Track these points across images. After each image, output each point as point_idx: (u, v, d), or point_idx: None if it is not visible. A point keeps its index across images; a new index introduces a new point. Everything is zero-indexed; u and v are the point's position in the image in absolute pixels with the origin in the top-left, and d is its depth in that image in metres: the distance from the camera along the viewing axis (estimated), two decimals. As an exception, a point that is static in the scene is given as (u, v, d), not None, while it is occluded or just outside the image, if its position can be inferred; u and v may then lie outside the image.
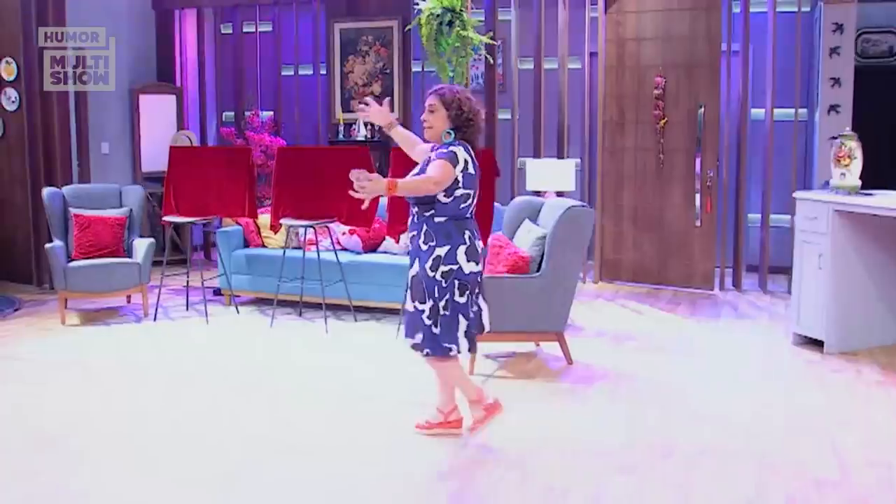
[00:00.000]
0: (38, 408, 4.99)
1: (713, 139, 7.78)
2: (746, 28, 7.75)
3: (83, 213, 7.23)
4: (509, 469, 4.12)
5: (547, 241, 5.63)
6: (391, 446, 4.42)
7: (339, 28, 8.89)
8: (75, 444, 4.42)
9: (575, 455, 4.26)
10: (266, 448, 4.35)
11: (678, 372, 5.68)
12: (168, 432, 4.58)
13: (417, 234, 4.26)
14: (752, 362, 5.91)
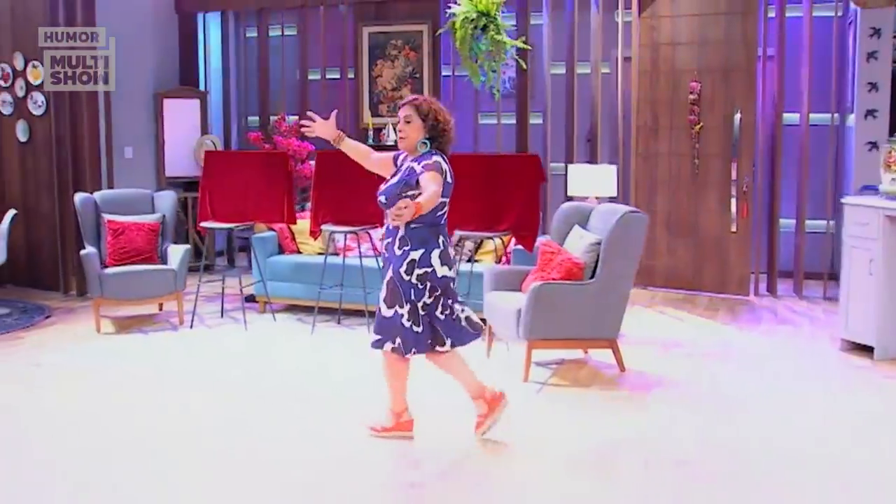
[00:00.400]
0: (81, 416, 4.94)
1: (749, 144, 7.79)
2: (782, 33, 7.77)
3: (116, 219, 7.17)
4: (593, 478, 4.10)
5: (602, 247, 5.61)
6: (441, 455, 4.39)
7: (368, 32, 8.86)
8: (129, 453, 4.37)
9: (655, 464, 4.24)
10: (317, 458, 4.32)
11: (733, 379, 5.68)
12: (222, 443, 4.54)
13: (392, 240, 4.35)
14: (803, 368, 5.91)
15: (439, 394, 4.98)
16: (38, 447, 4.49)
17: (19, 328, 6.95)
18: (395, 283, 4.34)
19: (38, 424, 4.84)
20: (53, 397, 5.30)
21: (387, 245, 4.42)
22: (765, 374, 5.76)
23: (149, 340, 6.65)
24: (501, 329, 5.81)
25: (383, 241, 4.47)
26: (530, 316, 5.47)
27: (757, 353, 6.26)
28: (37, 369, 5.88)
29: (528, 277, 5.93)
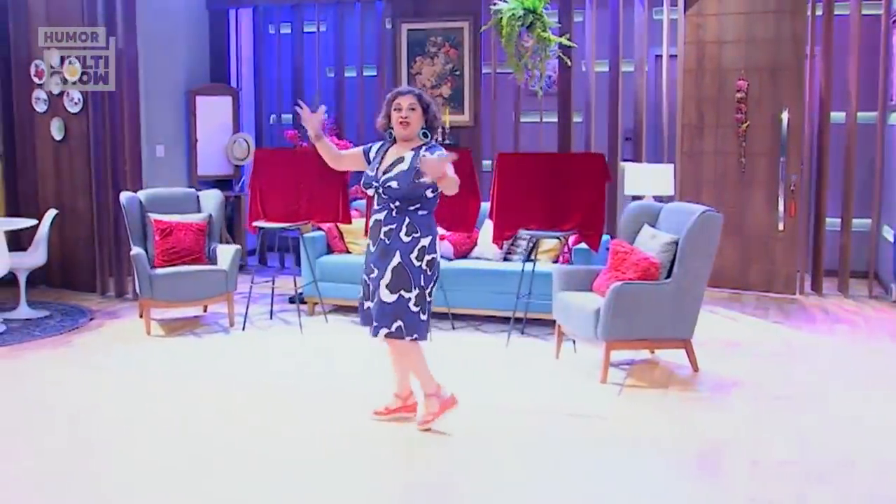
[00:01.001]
0: (151, 421, 4.87)
1: (797, 143, 7.81)
2: (829, 31, 7.80)
3: (163, 219, 7.08)
4: (704, 479, 4.09)
5: (679, 247, 5.60)
6: (527, 458, 4.36)
7: (407, 29, 8.80)
8: (207, 463, 4.30)
9: (761, 465, 4.23)
10: (389, 464, 4.28)
11: (808, 378, 5.69)
12: (299, 450, 4.49)
13: (398, 227, 4.49)
14: (875, 367, 5.93)
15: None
16: (116, 451, 4.42)
17: (65, 331, 6.85)
18: (403, 269, 4.47)
19: (111, 428, 4.76)
20: (119, 402, 5.21)
21: (388, 231, 4.50)
22: (835, 373, 5.78)
23: (202, 343, 6.55)
24: (575, 329, 5.79)
25: (382, 228, 4.52)
26: (610, 316, 5.45)
27: (823, 353, 6.29)
28: (95, 373, 5.78)
29: (599, 277, 5.91)
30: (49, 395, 5.34)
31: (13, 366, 5.97)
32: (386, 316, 4.50)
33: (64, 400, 5.26)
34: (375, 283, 4.56)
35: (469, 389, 5.23)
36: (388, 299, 4.49)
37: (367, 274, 4.64)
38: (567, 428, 4.74)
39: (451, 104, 8.72)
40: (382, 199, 4.56)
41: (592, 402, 5.18)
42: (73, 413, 5.02)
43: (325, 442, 4.55)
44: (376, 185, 4.54)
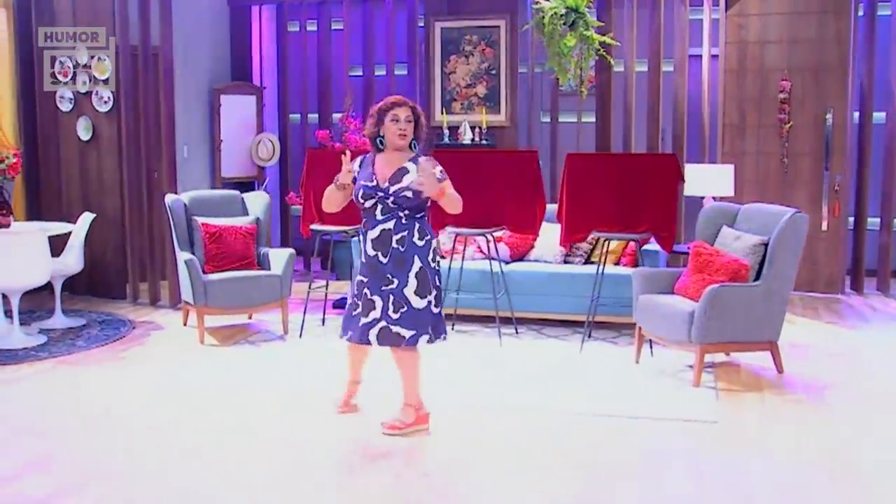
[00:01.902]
0: (239, 434, 4.74)
1: (841, 143, 7.92)
2: (872, 31, 7.93)
3: (211, 222, 6.90)
4: (849, 484, 4.10)
5: (770, 248, 5.62)
6: (660, 466, 4.34)
7: (441, 27, 8.72)
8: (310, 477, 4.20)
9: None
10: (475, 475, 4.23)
11: (891, 377, 5.76)
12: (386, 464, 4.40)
13: (410, 233, 4.58)
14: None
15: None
16: (211, 463, 4.29)
17: (110, 341, 6.63)
18: (425, 272, 4.59)
19: (194, 441, 4.63)
20: (197, 415, 5.05)
21: (400, 239, 4.56)
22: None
23: (261, 353, 6.37)
24: (663, 332, 5.77)
25: (394, 236, 4.56)
26: (705, 319, 5.45)
27: (891, 351, 6.37)
28: (162, 385, 5.58)
29: (682, 279, 5.91)
30: (120, 409, 5.14)
31: (73, 378, 5.75)
32: (423, 323, 4.58)
33: (138, 413, 5.07)
34: (398, 293, 4.56)
35: (567, 396, 5.29)
36: (419, 306, 4.58)
37: (378, 286, 4.59)
38: (683, 433, 4.74)
39: (486, 104, 8.66)
40: (390, 208, 4.59)
41: (694, 406, 5.17)
42: (154, 426, 4.86)
43: (415, 458, 4.46)
44: (382, 195, 4.57)
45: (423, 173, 4.46)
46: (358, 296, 4.69)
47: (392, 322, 4.58)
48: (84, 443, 4.62)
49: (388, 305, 4.58)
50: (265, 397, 5.34)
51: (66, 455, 4.44)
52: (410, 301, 4.56)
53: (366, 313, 4.63)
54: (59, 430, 4.81)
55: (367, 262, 4.66)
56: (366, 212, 4.67)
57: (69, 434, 4.73)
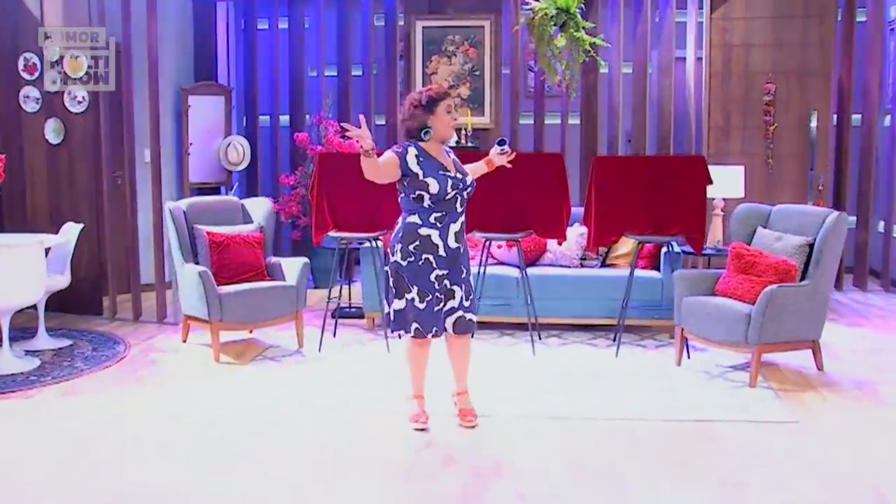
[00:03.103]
0: (269, 458, 4.55)
1: (824, 145, 8.26)
2: (850, 36, 8.30)
3: (217, 231, 6.58)
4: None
5: (816, 249, 5.80)
6: (762, 471, 4.42)
7: (422, 26, 8.59)
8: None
9: None
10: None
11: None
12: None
13: (463, 232, 4.78)
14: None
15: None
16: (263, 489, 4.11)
17: (113, 362, 6.21)
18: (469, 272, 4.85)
19: (242, 465, 4.41)
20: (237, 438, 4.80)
21: (456, 234, 4.71)
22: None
23: (285, 370, 6.06)
24: (715, 334, 5.84)
25: (461, 238, 4.75)
26: (763, 320, 5.56)
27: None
28: (206, 409, 5.26)
29: (724, 280, 6.02)
30: (154, 436, 4.82)
31: (97, 406, 5.31)
32: (474, 308, 4.90)
33: (196, 440, 4.77)
34: (467, 282, 4.80)
35: (629, 402, 5.35)
36: (467, 303, 4.80)
37: (458, 277, 4.74)
38: (773, 434, 4.81)
39: (470, 105, 8.59)
40: (464, 201, 4.75)
41: (763, 407, 5.27)
42: (219, 451, 4.58)
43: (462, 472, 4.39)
44: (462, 188, 4.69)
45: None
46: (439, 290, 4.70)
47: (466, 310, 4.78)
48: (164, 474, 4.30)
49: (463, 294, 4.77)
50: (314, 414, 5.13)
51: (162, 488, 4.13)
52: (462, 297, 4.78)
53: (445, 303, 4.74)
54: (119, 462, 4.46)
55: (446, 256, 4.68)
56: (442, 205, 4.62)
57: (136, 465, 4.40)
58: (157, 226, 7.27)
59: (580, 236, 7.06)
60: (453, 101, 4.71)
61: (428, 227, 4.63)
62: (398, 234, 4.71)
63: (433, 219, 4.64)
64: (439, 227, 4.65)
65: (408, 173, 4.58)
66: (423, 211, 4.64)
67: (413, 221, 4.65)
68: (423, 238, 4.63)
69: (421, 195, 4.61)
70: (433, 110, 4.60)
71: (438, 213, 4.64)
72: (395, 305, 4.75)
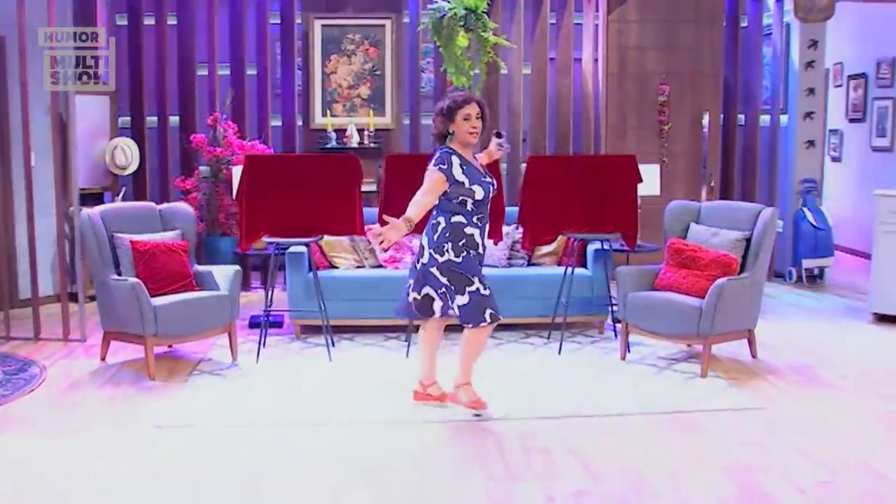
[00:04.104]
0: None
1: (715, 143, 8.79)
2: (736, 39, 8.88)
3: (141, 239, 6.25)
4: None
5: (754, 243, 6.20)
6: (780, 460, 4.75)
7: (321, 24, 8.45)
8: None
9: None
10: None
11: (835, 355, 6.56)
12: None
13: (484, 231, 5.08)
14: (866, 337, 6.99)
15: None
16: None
17: (33, 387, 5.74)
18: None
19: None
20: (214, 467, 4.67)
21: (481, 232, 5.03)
22: (852, 345, 6.74)
23: (231, 385, 5.83)
24: (666, 328, 6.11)
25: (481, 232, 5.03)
26: (714, 312, 5.88)
27: (810, 334, 7.22)
28: (159, 433, 4.98)
29: (666, 276, 6.32)
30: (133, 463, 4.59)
31: (42, 444, 4.95)
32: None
33: (158, 461, 4.57)
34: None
35: (594, 399, 5.51)
36: (486, 293, 5.01)
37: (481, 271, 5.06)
38: (749, 422, 5.13)
39: (371, 105, 8.54)
40: (481, 211, 5.03)
41: (725, 396, 5.59)
42: (186, 468, 4.41)
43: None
44: (492, 191, 5.06)
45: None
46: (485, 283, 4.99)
47: None
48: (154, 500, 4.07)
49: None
50: (282, 430, 5.01)
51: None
52: (480, 287, 4.98)
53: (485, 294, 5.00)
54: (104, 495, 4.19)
55: (476, 255, 5.02)
56: (482, 207, 4.98)
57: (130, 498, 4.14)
58: (60, 235, 6.80)
59: (508, 236, 7.18)
60: (472, 108, 4.91)
61: (472, 226, 4.96)
62: (445, 234, 4.90)
63: (475, 219, 4.98)
64: (480, 226, 5.01)
65: (454, 182, 4.86)
66: (467, 213, 4.94)
67: (459, 221, 4.93)
68: (468, 237, 4.94)
69: (465, 200, 4.91)
70: (453, 118, 4.92)
71: (479, 215, 4.99)
72: (458, 301, 4.93)
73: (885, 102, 10.15)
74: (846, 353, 6.61)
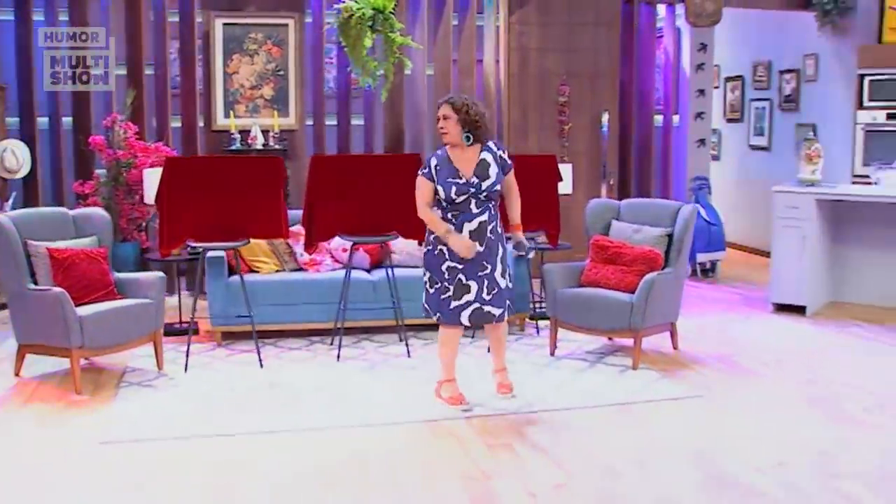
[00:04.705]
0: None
1: (614, 142, 9.13)
2: (632, 43, 9.24)
3: (57, 247, 6.01)
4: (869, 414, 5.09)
5: (676, 238, 6.51)
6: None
7: (222, 23, 8.27)
8: None
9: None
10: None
11: (753, 344, 6.97)
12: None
13: (497, 223, 5.32)
14: (769, 329, 7.45)
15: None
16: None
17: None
18: (506, 257, 5.39)
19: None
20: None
21: (493, 228, 5.27)
22: (762, 331, 7.18)
23: (164, 397, 5.65)
24: (597, 323, 6.33)
25: (488, 227, 5.23)
26: (646, 306, 6.14)
27: (723, 324, 7.63)
28: (107, 449, 4.81)
29: (592, 272, 6.55)
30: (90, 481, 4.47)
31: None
32: (504, 301, 5.36)
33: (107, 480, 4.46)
34: (490, 278, 5.26)
35: (543, 396, 5.66)
36: (504, 286, 5.34)
37: (475, 272, 5.22)
38: (693, 409, 5.43)
39: (274, 106, 8.44)
40: (482, 202, 5.23)
41: (662, 386, 5.86)
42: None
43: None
44: (475, 191, 5.18)
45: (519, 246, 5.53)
46: (450, 281, 5.21)
47: (485, 303, 5.25)
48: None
49: (482, 289, 5.23)
50: (243, 440, 4.96)
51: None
52: (499, 283, 5.29)
53: (459, 297, 5.22)
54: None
55: (442, 251, 5.23)
56: (455, 206, 5.18)
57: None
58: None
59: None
60: (441, 109, 5.29)
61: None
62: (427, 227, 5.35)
63: (449, 216, 5.23)
64: (454, 223, 5.20)
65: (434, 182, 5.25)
66: (442, 209, 5.25)
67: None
68: None
69: (438, 198, 5.25)
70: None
71: (453, 212, 5.21)
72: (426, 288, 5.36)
73: (763, 103, 10.81)
74: (757, 342, 7.02)
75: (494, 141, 5.42)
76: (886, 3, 8.95)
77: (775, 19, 10.27)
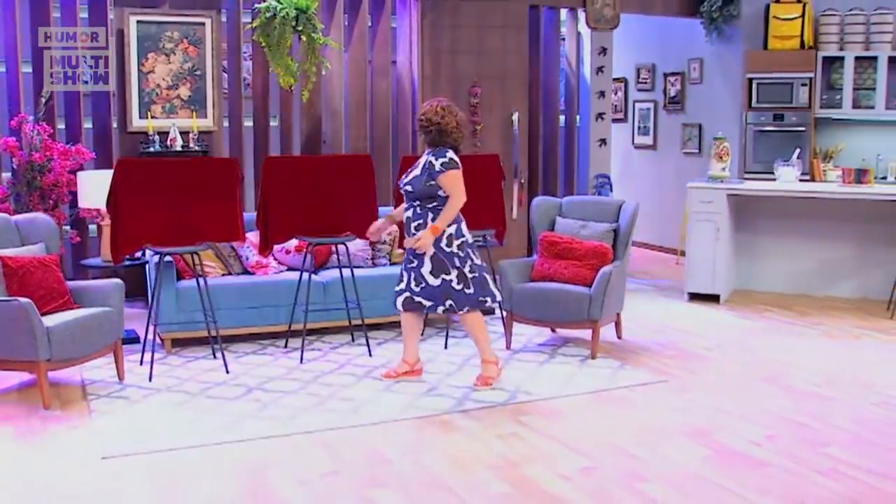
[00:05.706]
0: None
1: (524, 141, 9.52)
2: (538, 47, 9.66)
3: (8, 255, 5.81)
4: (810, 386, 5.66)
5: (622, 233, 6.95)
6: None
7: (136, 20, 8.07)
8: None
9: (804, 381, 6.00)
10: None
11: (684, 337, 7.52)
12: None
13: (424, 221, 5.78)
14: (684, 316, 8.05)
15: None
16: None
17: None
18: (439, 257, 5.75)
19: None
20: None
21: (417, 226, 5.79)
22: (694, 322, 7.74)
23: (146, 408, 5.61)
24: (557, 316, 6.68)
25: (412, 224, 5.82)
26: (603, 297, 6.53)
27: (643, 318, 8.15)
28: (113, 464, 4.78)
29: (543, 267, 6.90)
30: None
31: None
32: (437, 297, 5.82)
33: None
34: (416, 272, 5.82)
35: (524, 387, 5.99)
36: (434, 283, 5.79)
37: (406, 264, 5.94)
38: (662, 394, 5.89)
39: (192, 107, 8.31)
40: (408, 200, 5.89)
41: (625, 373, 6.28)
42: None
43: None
44: (402, 189, 5.94)
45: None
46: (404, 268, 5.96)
47: (414, 293, 5.86)
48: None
49: (411, 280, 5.86)
50: (246, 445, 5.02)
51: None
52: (426, 279, 5.79)
53: (397, 284, 5.99)
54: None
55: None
56: (405, 197, 5.90)
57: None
58: None
59: (388, 235, 7.42)
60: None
61: None
62: None
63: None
64: (409, 216, 5.90)
65: None
66: None
67: None
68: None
69: None
70: None
71: (407, 205, 5.94)
72: None
73: (647, 104, 11.51)
74: (689, 328, 7.58)
75: (449, 148, 5.91)
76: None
77: (659, 25, 10.98)
